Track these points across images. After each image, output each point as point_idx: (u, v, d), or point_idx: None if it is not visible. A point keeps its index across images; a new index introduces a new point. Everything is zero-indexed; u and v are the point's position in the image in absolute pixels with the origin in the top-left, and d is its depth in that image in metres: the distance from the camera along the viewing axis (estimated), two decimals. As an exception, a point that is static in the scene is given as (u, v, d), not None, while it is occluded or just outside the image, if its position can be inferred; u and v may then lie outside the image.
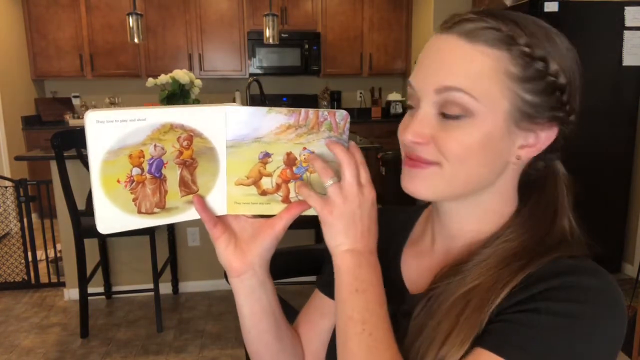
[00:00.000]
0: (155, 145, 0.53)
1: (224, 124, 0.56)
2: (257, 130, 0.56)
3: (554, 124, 0.53)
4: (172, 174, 0.56)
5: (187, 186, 0.57)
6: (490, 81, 0.51)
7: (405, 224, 0.71)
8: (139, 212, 0.55)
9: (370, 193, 0.55)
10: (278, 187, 0.59)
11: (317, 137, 0.57)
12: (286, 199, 0.59)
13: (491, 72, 0.51)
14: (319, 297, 0.73)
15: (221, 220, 0.59)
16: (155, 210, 0.56)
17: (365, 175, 0.55)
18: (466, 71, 0.51)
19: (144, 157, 0.53)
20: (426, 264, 0.64)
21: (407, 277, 0.65)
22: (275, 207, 0.60)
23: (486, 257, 0.54)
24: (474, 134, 0.51)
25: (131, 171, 0.53)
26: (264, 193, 0.59)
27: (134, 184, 0.54)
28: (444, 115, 0.52)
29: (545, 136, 0.53)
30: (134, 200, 0.54)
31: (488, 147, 0.52)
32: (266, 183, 0.58)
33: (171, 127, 0.54)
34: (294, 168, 0.58)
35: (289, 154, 0.57)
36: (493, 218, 0.58)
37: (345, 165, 0.54)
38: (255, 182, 0.58)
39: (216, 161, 0.57)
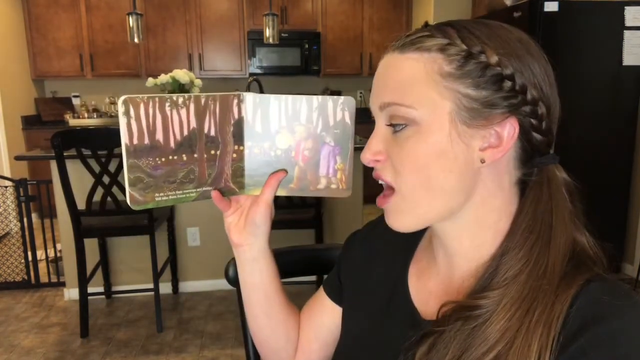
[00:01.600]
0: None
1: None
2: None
3: (512, 117, 0.50)
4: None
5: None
6: (424, 85, 0.50)
7: (413, 236, 0.67)
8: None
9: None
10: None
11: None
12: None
13: (423, 76, 0.50)
14: (321, 294, 0.76)
15: (234, 201, 0.65)
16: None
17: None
18: (397, 83, 0.52)
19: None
20: (432, 284, 0.61)
21: (414, 297, 0.62)
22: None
23: (497, 302, 0.49)
24: (423, 141, 0.51)
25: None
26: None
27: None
28: (394, 129, 0.53)
29: (507, 133, 0.50)
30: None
31: (441, 154, 0.50)
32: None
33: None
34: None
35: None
36: (489, 233, 0.54)
37: None
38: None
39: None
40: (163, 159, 0.55)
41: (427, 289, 0.61)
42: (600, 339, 0.44)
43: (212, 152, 0.58)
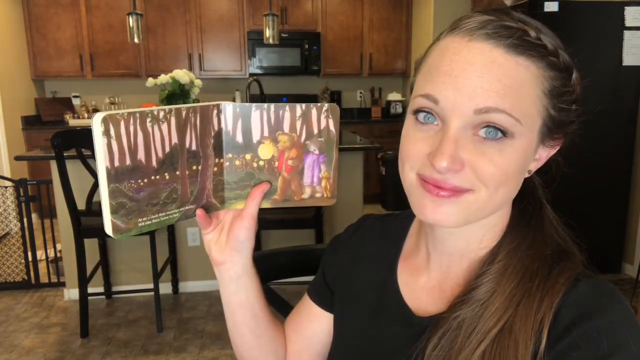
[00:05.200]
0: None
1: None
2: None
3: (563, 138, 0.52)
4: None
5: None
6: (530, 100, 0.47)
7: (397, 234, 0.67)
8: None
9: None
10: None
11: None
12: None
13: (532, 90, 0.47)
14: (307, 302, 0.74)
15: (214, 215, 0.61)
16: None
17: None
18: (506, 89, 0.46)
19: None
20: (423, 282, 0.61)
21: (405, 295, 0.62)
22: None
23: (502, 272, 0.51)
24: (513, 156, 0.48)
25: None
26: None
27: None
28: (481, 137, 0.47)
29: (552, 150, 0.53)
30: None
31: (523, 168, 0.50)
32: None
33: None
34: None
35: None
36: (495, 232, 0.56)
37: None
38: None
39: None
40: (145, 180, 0.51)
41: (419, 285, 0.61)
42: (590, 334, 0.45)
43: (194, 167, 0.54)
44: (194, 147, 0.54)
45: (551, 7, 2.74)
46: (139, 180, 0.50)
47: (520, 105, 0.46)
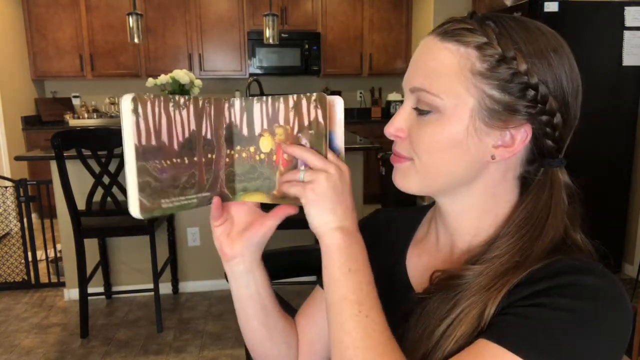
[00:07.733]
0: None
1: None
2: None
3: (527, 124, 0.53)
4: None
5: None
6: (454, 78, 0.53)
7: (409, 224, 0.72)
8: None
9: (345, 167, 0.57)
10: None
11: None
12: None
13: (455, 69, 0.53)
14: (319, 293, 0.76)
15: (225, 208, 0.62)
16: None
17: (332, 156, 0.56)
18: (429, 70, 0.54)
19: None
20: (432, 262, 0.65)
21: (412, 276, 0.66)
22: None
23: (478, 273, 0.53)
24: (441, 130, 0.54)
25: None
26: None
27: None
28: (418, 112, 0.56)
29: (520, 137, 0.53)
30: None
31: (455, 144, 0.54)
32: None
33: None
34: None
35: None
36: (489, 217, 0.58)
37: (305, 152, 0.55)
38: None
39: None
40: (168, 162, 0.52)
41: (427, 267, 0.64)
42: (564, 286, 0.48)
43: (209, 155, 0.57)
44: (209, 136, 0.57)
45: (551, 7, 2.74)
46: (163, 161, 0.52)
47: (443, 83, 0.53)
